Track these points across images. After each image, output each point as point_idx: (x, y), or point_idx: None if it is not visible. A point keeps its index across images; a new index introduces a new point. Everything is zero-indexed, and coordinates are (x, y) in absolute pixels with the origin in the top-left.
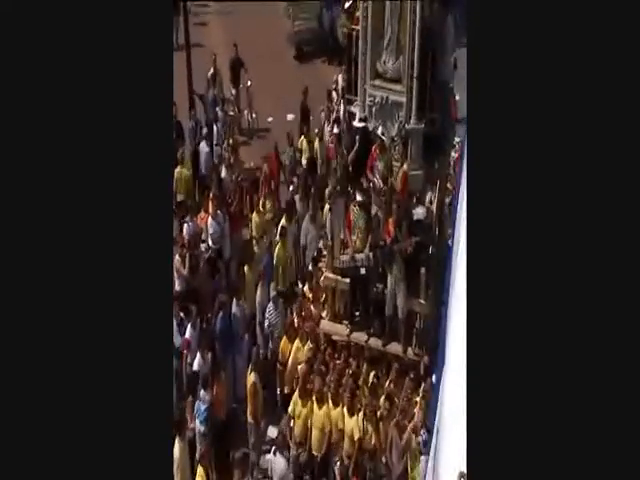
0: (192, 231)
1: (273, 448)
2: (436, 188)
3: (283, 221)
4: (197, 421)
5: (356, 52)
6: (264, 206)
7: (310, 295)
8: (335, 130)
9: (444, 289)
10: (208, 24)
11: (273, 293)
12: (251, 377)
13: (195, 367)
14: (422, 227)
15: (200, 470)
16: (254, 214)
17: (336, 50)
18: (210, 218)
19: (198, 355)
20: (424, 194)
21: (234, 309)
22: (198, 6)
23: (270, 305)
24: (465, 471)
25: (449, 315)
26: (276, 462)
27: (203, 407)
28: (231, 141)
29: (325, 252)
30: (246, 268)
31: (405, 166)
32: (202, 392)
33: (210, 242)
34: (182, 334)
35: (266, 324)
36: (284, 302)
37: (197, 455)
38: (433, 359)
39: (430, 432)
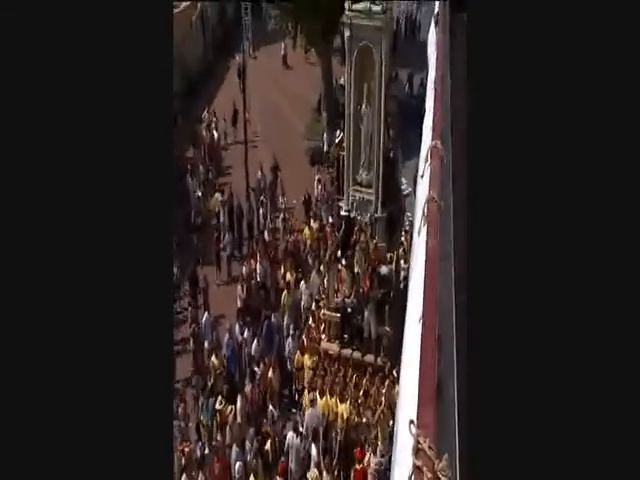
0: (247, 270)
1: (291, 430)
2: (395, 254)
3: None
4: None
5: (342, 167)
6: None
7: (314, 325)
8: (330, 220)
9: (401, 320)
10: (258, 147)
11: (292, 332)
12: (269, 373)
13: (252, 353)
14: (387, 280)
15: None
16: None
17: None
18: (258, 263)
19: (254, 346)
20: (387, 258)
21: (273, 320)
22: (253, 135)
23: (289, 339)
24: (414, 419)
25: (405, 336)
26: (293, 439)
27: (258, 377)
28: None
29: (324, 296)
30: (283, 295)
31: (373, 245)
32: (256, 368)
33: (258, 278)
34: (242, 334)
35: (286, 352)
36: (296, 328)
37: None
38: (394, 364)
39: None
